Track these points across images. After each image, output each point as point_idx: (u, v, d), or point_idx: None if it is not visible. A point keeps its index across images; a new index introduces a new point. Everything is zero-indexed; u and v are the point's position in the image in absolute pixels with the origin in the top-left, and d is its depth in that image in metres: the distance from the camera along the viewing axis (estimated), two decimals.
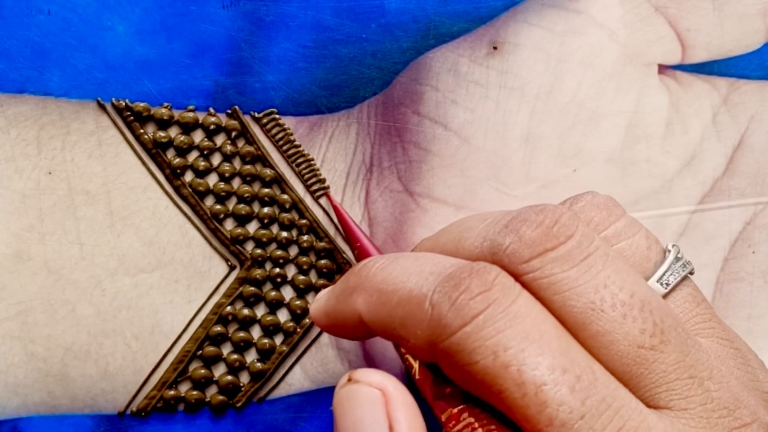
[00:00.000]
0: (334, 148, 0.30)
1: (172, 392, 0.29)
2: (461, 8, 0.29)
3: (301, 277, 0.30)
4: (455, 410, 0.21)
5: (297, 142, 0.30)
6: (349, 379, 0.21)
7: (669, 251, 0.23)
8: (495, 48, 0.30)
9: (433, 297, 0.20)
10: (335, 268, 0.30)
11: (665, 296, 0.22)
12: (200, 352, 0.30)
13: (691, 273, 0.23)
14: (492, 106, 0.30)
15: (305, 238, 0.30)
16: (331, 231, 0.30)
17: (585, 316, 0.20)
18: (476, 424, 0.20)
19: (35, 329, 0.29)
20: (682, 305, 0.22)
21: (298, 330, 0.30)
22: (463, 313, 0.19)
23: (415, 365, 0.23)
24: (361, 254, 0.27)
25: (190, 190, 0.29)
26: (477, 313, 0.19)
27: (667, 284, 0.22)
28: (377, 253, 0.28)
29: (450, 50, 0.30)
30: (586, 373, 0.19)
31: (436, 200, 0.30)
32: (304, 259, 0.30)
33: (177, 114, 0.29)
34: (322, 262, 0.30)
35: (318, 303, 0.25)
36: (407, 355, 0.24)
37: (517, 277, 0.21)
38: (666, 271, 0.22)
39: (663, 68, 0.31)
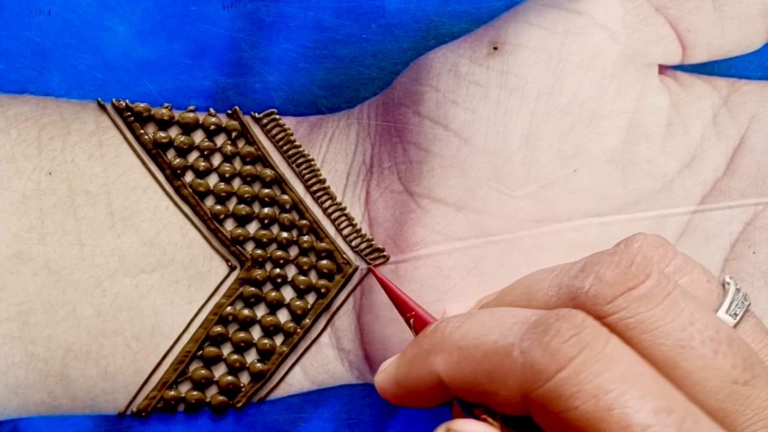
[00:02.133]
0: (334, 148, 0.30)
1: (172, 393, 0.30)
2: (462, 9, 0.29)
3: (302, 278, 0.30)
4: None
5: (297, 143, 0.30)
6: (447, 430, 0.21)
7: (728, 283, 0.23)
8: (495, 48, 0.30)
9: (523, 344, 0.20)
10: (335, 268, 0.30)
11: (735, 327, 0.22)
12: (200, 352, 0.30)
13: (750, 304, 0.23)
14: (492, 107, 0.30)
15: (305, 238, 0.30)
16: (331, 231, 0.30)
17: (676, 353, 0.20)
18: None
19: (36, 330, 0.29)
20: (752, 336, 0.22)
21: (298, 330, 0.30)
22: (557, 357, 0.19)
23: (496, 425, 0.22)
24: (417, 323, 0.26)
25: (191, 190, 0.29)
26: (572, 357, 0.19)
27: (735, 315, 0.22)
28: (434, 319, 0.27)
29: (450, 51, 0.30)
30: (688, 413, 0.19)
31: (436, 201, 0.30)
32: (305, 259, 0.30)
33: (177, 114, 0.29)
34: (323, 262, 0.30)
35: (386, 373, 0.24)
36: (484, 416, 0.23)
37: (601, 319, 0.20)
38: (732, 303, 0.22)
39: (663, 69, 0.31)
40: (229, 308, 0.30)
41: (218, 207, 0.30)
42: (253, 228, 0.30)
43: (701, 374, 0.20)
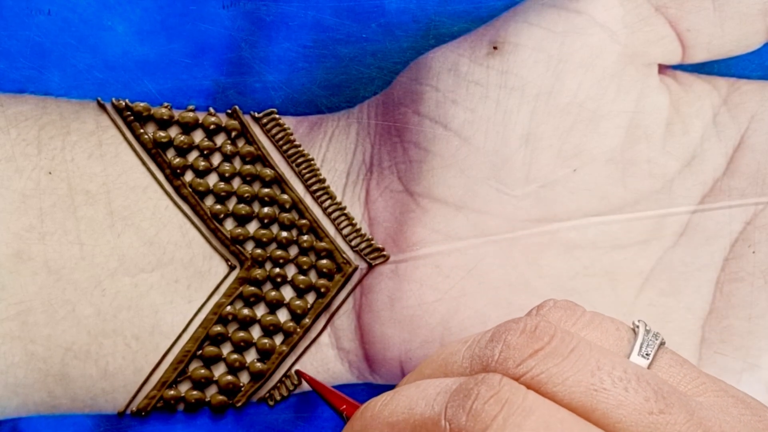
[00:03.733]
0: (334, 148, 0.30)
1: (172, 392, 0.30)
2: (461, 8, 0.29)
3: (301, 277, 0.30)
4: None
5: (297, 142, 0.30)
6: None
7: (637, 326, 0.24)
8: (495, 48, 0.30)
9: (447, 413, 0.21)
10: (335, 268, 0.30)
11: (649, 367, 0.23)
12: (200, 352, 0.30)
13: (662, 343, 0.24)
14: (492, 106, 0.30)
15: (305, 238, 0.30)
16: (331, 231, 0.30)
17: (590, 397, 0.21)
18: None
19: (35, 329, 0.29)
20: (668, 371, 0.23)
21: (298, 330, 0.30)
22: (481, 418, 0.20)
23: None
24: (350, 410, 0.27)
25: (190, 189, 0.29)
26: (495, 415, 0.20)
27: (648, 355, 0.23)
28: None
29: (450, 50, 0.30)
30: None
31: (436, 200, 0.30)
32: (304, 259, 0.30)
33: (177, 114, 0.29)
34: (322, 262, 0.30)
35: None
36: None
37: (515, 380, 0.21)
38: (642, 344, 0.23)
39: (663, 68, 0.31)
40: (228, 308, 0.30)
41: (218, 206, 0.30)
42: (252, 227, 0.30)
43: (618, 411, 0.21)
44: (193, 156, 0.29)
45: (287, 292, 0.30)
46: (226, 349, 0.30)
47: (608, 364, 0.21)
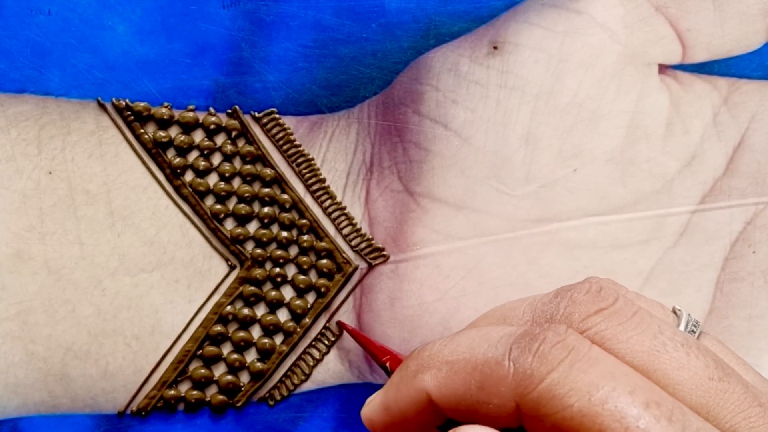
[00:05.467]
0: (334, 147, 0.30)
1: (172, 392, 0.30)
2: (462, 8, 0.29)
3: (302, 277, 0.30)
4: None
5: (297, 142, 0.30)
6: None
7: (679, 310, 0.24)
8: (495, 48, 0.30)
9: (512, 354, 0.21)
10: (335, 268, 0.30)
11: None
12: (200, 351, 0.30)
13: (701, 331, 0.24)
14: (492, 106, 0.30)
15: (305, 237, 0.30)
16: (331, 231, 0.30)
17: (653, 357, 0.21)
18: None
19: (35, 329, 0.29)
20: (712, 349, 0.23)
21: (298, 330, 0.30)
22: (547, 360, 0.20)
23: None
24: (394, 363, 0.27)
25: (191, 189, 0.29)
26: (561, 359, 0.20)
27: (693, 332, 0.24)
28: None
29: (450, 50, 0.30)
30: (675, 406, 0.20)
31: (436, 200, 0.30)
32: (305, 258, 0.30)
33: (177, 114, 0.29)
34: (323, 261, 0.30)
35: (372, 403, 0.24)
36: None
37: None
38: (688, 323, 0.24)
39: (663, 68, 0.31)
40: (228, 307, 0.30)
41: (218, 206, 0.30)
42: (252, 227, 0.30)
43: (679, 374, 0.21)
44: (193, 156, 0.29)
45: (287, 292, 0.30)
46: (226, 349, 0.30)
47: (669, 330, 0.22)
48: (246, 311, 0.30)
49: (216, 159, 0.30)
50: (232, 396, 0.30)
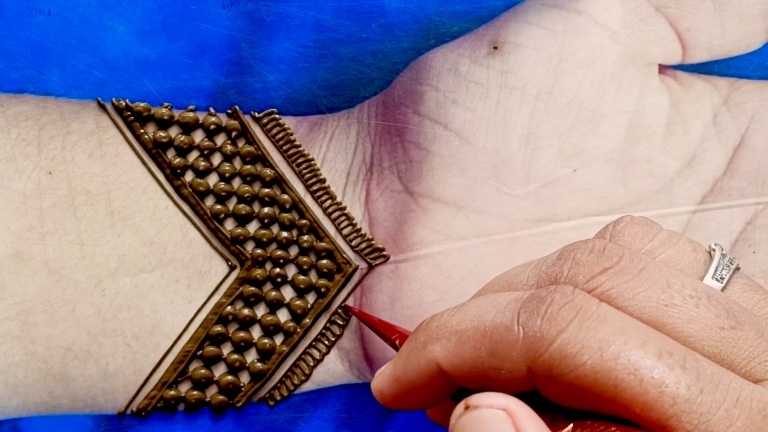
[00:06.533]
0: (334, 148, 0.30)
1: (172, 392, 0.29)
2: (462, 8, 0.29)
3: (302, 277, 0.30)
4: (566, 430, 0.20)
5: (297, 142, 0.30)
6: (467, 407, 0.21)
7: (714, 250, 0.24)
8: (495, 48, 0.30)
9: (521, 318, 0.21)
10: (335, 268, 0.30)
11: (723, 290, 0.23)
12: (200, 352, 0.30)
13: (738, 268, 0.24)
14: (492, 106, 0.30)
15: (305, 238, 0.30)
16: (331, 231, 0.30)
17: (661, 312, 0.21)
18: None
19: (35, 329, 0.29)
20: (742, 295, 0.23)
21: (298, 330, 0.30)
22: (556, 321, 0.20)
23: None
24: (402, 339, 0.26)
25: (191, 190, 0.29)
26: (571, 319, 0.20)
27: (722, 278, 0.23)
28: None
29: (450, 50, 0.30)
30: (688, 354, 0.20)
31: (436, 200, 0.30)
32: (305, 259, 0.30)
33: (177, 114, 0.29)
34: (323, 262, 0.30)
35: (383, 374, 0.24)
36: None
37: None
38: (717, 267, 0.23)
39: (664, 68, 0.31)
40: (229, 308, 0.30)
41: (218, 206, 0.30)
42: (253, 227, 0.30)
43: (688, 326, 0.21)
44: (193, 156, 0.29)
45: (287, 292, 0.30)
46: (226, 349, 0.30)
47: (678, 283, 0.21)
48: (246, 311, 0.30)
49: (216, 159, 0.30)
50: (232, 396, 0.30)
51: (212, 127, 0.29)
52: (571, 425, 0.20)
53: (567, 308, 0.20)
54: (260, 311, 0.30)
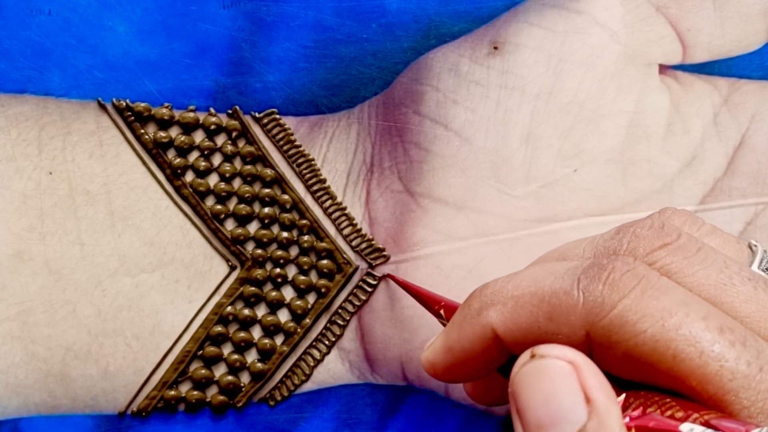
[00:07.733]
0: (334, 148, 0.30)
1: (172, 392, 0.29)
2: (462, 8, 0.29)
3: (302, 278, 0.30)
4: (618, 400, 0.20)
5: (297, 142, 0.30)
6: (533, 356, 0.20)
7: (755, 245, 0.24)
8: (496, 48, 0.30)
9: (581, 283, 0.20)
10: (336, 268, 0.30)
11: None
12: (201, 352, 0.30)
13: None
14: (493, 106, 0.30)
15: (306, 238, 0.30)
16: (332, 231, 0.30)
17: (720, 291, 0.21)
18: (648, 403, 0.20)
19: (36, 329, 0.29)
20: None
21: (299, 330, 0.30)
22: (618, 288, 0.20)
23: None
24: (448, 311, 0.26)
25: (191, 190, 0.29)
26: (633, 287, 0.20)
27: (767, 270, 0.23)
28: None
29: (451, 50, 0.30)
30: (748, 333, 0.20)
31: (436, 200, 0.30)
32: (305, 259, 0.30)
33: (178, 114, 0.29)
34: (323, 262, 0.30)
35: (434, 345, 0.24)
36: None
37: None
38: (762, 259, 0.23)
39: (664, 68, 0.31)
40: (229, 308, 0.30)
41: (218, 207, 0.30)
42: (253, 228, 0.30)
43: (746, 306, 0.21)
44: (193, 156, 0.29)
45: (288, 293, 0.30)
46: (226, 350, 0.30)
47: (735, 266, 0.21)
48: (246, 312, 0.30)
49: (216, 159, 0.30)
50: (232, 396, 0.30)
51: (212, 127, 0.29)
52: (624, 395, 0.20)
53: (629, 275, 0.20)
54: (261, 311, 0.30)
